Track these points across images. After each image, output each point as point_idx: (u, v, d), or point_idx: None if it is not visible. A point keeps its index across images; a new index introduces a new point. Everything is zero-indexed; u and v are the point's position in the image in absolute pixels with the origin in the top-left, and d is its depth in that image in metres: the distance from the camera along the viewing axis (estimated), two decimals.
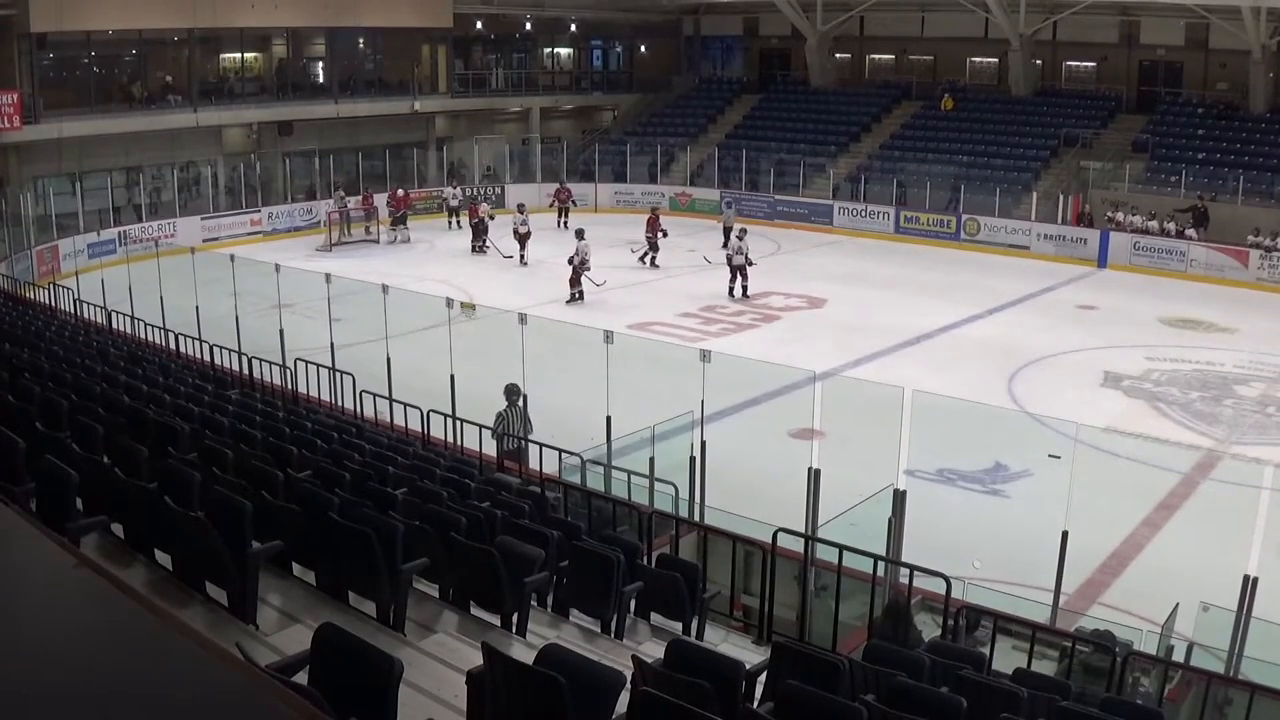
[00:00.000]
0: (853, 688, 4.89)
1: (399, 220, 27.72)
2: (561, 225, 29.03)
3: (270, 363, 12.99)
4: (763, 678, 5.19)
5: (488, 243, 26.04)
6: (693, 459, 10.00)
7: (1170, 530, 11.36)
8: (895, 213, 29.43)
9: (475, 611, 5.89)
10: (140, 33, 27.50)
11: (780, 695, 4.37)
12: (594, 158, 34.03)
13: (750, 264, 22.05)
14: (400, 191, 28.63)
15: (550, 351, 14.04)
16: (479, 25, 35.37)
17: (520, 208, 25.53)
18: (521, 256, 24.84)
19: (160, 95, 28.74)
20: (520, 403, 11.21)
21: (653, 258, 24.83)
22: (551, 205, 30.10)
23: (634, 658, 4.73)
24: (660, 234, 24.77)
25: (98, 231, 23.89)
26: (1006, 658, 7.12)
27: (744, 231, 22.71)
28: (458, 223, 29.23)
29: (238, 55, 31.05)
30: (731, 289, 21.78)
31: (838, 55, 36.45)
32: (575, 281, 21.12)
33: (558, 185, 31.15)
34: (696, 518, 9.42)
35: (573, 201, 30.52)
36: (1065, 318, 21.06)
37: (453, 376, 11.98)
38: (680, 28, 39.87)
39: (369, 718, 3.34)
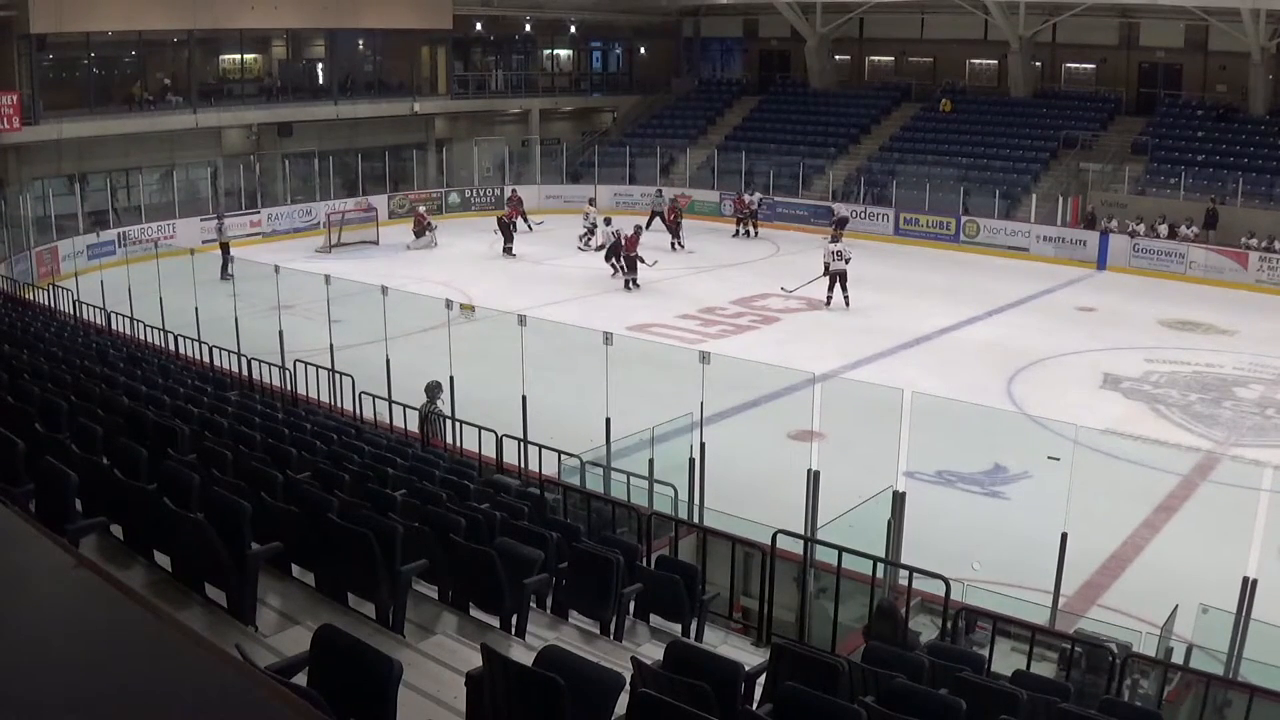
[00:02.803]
0: (852, 689, 4.89)
1: (423, 230, 27.60)
2: (740, 233, 29.40)
3: (269, 364, 12.99)
4: (762, 679, 5.19)
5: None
6: (692, 460, 10.00)
7: (1169, 532, 11.36)
8: (895, 214, 29.45)
9: (474, 613, 5.89)
10: (140, 34, 27.50)
11: (779, 697, 4.37)
12: (594, 159, 34.04)
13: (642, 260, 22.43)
14: (422, 209, 28.76)
15: (550, 353, 14.04)
16: (478, 27, 35.38)
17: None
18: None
19: (160, 96, 28.75)
20: (439, 403, 11.44)
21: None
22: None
23: (633, 659, 4.73)
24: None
25: (97, 233, 23.89)
26: (1006, 659, 7.12)
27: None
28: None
29: (237, 56, 31.06)
30: (830, 297, 21.25)
31: (837, 57, 36.46)
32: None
33: (737, 195, 30.76)
34: (696, 519, 9.41)
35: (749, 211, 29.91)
36: (1065, 319, 21.07)
37: (452, 378, 11.98)
38: (680, 29, 39.88)
39: (368, 719, 3.34)
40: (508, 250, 26.02)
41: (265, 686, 2.38)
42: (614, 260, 23.11)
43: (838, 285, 21.19)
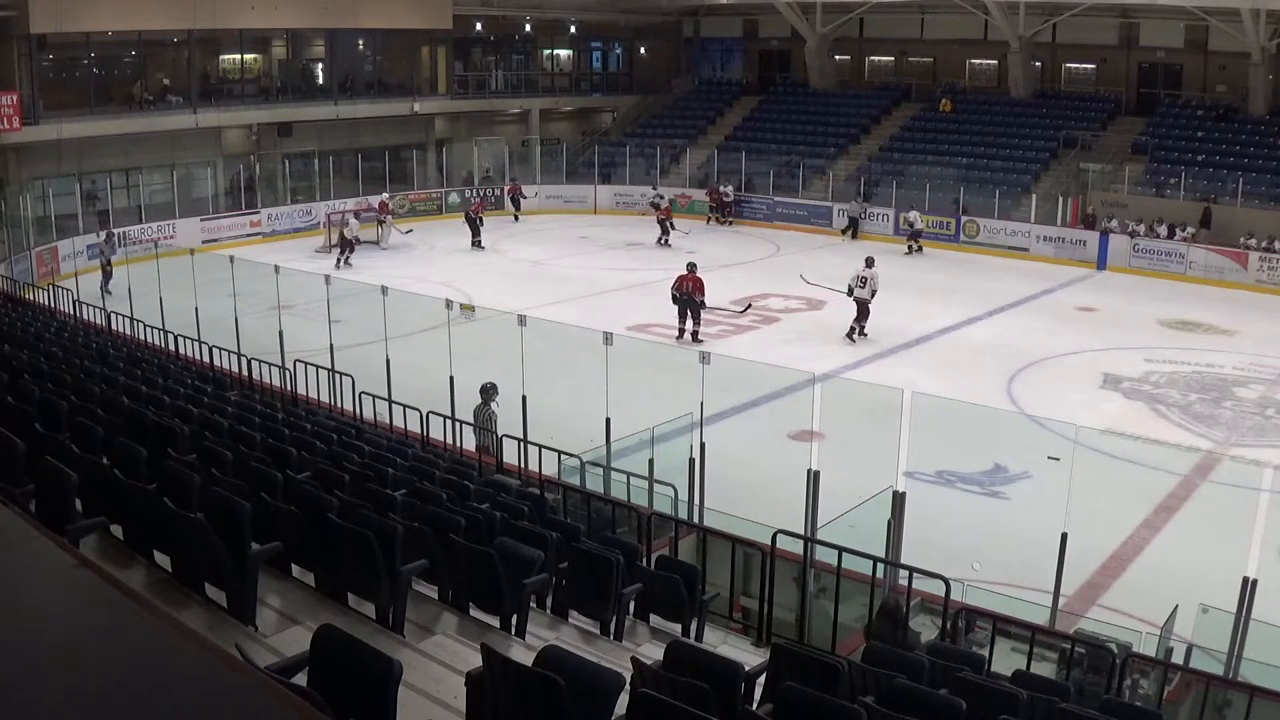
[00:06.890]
0: (852, 689, 4.89)
1: (379, 223, 27.75)
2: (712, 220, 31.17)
3: (270, 364, 12.99)
4: (762, 679, 5.19)
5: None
6: (692, 461, 9.99)
7: (1169, 532, 11.36)
8: (895, 214, 29.43)
9: (474, 613, 5.89)
10: (140, 34, 27.51)
11: (779, 697, 4.37)
12: (594, 159, 34.04)
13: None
14: (385, 197, 28.81)
15: (550, 353, 14.04)
16: (479, 27, 35.39)
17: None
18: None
19: (160, 96, 28.74)
20: (494, 402, 11.38)
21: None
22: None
23: (633, 659, 4.74)
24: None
25: (97, 233, 23.89)
26: (1006, 659, 7.12)
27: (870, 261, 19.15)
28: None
29: (237, 56, 31.05)
30: (854, 329, 18.80)
31: (837, 57, 36.46)
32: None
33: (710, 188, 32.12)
34: (696, 519, 9.41)
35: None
36: (1065, 320, 21.06)
37: (452, 378, 11.98)
38: (680, 30, 39.89)
39: (368, 719, 3.34)
40: (477, 244, 26.72)
41: (265, 686, 2.38)
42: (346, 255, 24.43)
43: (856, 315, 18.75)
